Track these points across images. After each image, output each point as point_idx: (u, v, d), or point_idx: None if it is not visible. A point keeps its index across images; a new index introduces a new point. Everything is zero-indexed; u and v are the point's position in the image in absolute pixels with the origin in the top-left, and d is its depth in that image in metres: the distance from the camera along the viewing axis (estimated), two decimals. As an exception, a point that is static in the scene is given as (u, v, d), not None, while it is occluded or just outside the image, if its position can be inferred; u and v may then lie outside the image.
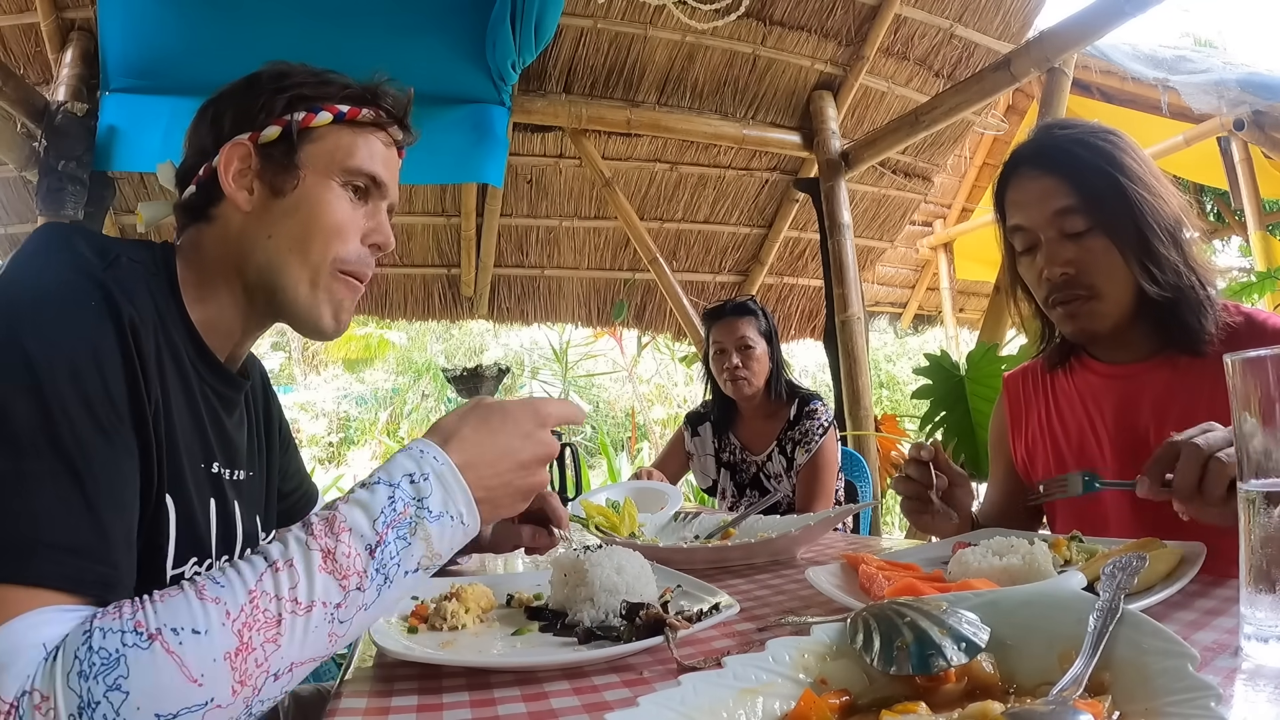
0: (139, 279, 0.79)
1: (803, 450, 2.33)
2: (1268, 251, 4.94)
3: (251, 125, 0.88)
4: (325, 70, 0.94)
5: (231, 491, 0.91)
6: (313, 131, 0.89)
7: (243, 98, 0.90)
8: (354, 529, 0.63)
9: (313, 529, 0.62)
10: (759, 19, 3.83)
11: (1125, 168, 1.12)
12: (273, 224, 0.88)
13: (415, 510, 0.65)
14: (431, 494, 0.67)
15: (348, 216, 0.90)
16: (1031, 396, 1.34)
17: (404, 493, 0.66)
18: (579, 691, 0.67)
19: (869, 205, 4.90)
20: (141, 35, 3.00)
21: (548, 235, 4.77)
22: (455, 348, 13.68)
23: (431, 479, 0.67)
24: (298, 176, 0.88)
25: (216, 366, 0.89)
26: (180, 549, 0.79)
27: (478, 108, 3.45)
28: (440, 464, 0.69)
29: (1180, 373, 1.13)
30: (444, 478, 0.68)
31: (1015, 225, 1.19)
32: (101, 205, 3.12)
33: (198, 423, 0.85)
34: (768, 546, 1.24)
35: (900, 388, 12.23)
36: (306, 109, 0.89)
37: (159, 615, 0.55)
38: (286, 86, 0.90)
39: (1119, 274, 1.12)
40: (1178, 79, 4.60)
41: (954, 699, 0.51)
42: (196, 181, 0.90)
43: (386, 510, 0.64)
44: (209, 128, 0.91)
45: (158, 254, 0.86)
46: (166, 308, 0.82)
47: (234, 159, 0.87)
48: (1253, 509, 0.60)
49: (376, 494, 0.65)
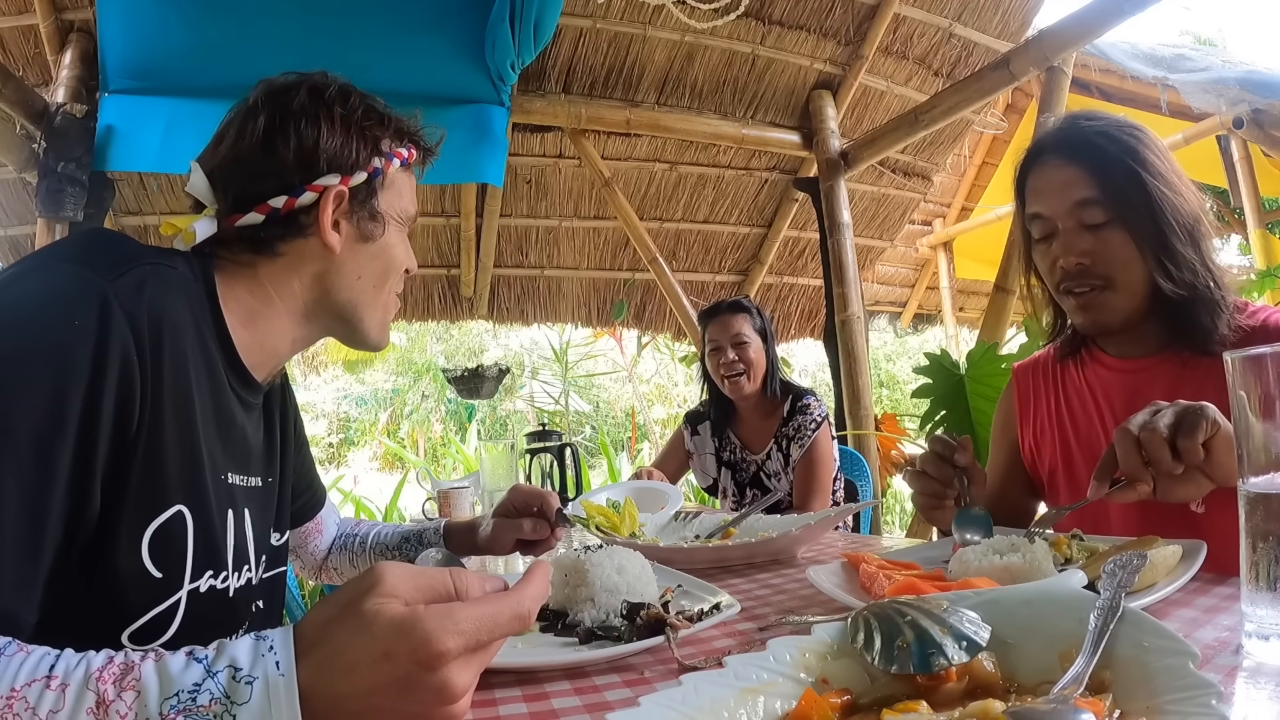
0: (174, 286, 0.77)
1: (797, 446, 2.33)
2: (1267, 250, 4.94)
3: (346, 170, 0.90)
4: (378, 99, 0.98)
5: (243, 499, 0.90)
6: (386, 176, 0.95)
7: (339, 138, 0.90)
8: (142, 693, 0.50)
9: (107, 669, 0.52)
10: (758, 19, 3.83)
11: (1148, 163, 1.12)
12: (361, 267, 0.94)
13: (220, 712, 0.50)
14: (248, 702, 0.50)
15: (409, 254, 1.00)
16: (1041, 387, 1.34)
17: (217, 684, 0.51)
18: (580, 691, 0.67)
19: (869, 205, 4.90)
20: (141, 36, 3.00)
21: (547, 235, 4.77)
22: (455, 348, 13.68)
23: (256, 686, 0.51)
24: (384, 224, 0.95)
25: (248, 380, 0.89)
26: (198, 562, 0.79)
27: (477, 108, 3.45)
28: (277, 673, 0.51)
29: (1189, 369, 1.13)
30: (274, 692, 0.51)
31: (1034, 213, 1.19)
32: (101, 206, 3.12)
33: (223, 432, 0.85)
34: (768, 546, 1.24)
35: (900, 387, 12.24)
36: (385, 156, 0.94)
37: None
38: (373, 131, 0.94)
39: (1134, 268, 1.12)
40: (1177, 77, 4.60)
41: (955, 698, 0.51)
42: (267, 211, 0.87)
43: (184, 695, 0.50)
44: (295, 158, 0.88)
45: (195, 265, 0.85)
46: (203, 319, 0.82)
47: (331, 203, 0.89)
48: (1253, 507, 0.60)
49: (189, 671, 0.51)
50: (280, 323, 0.91)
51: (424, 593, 0.53)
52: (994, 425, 1.45)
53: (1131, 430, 0.84)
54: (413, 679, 0.50)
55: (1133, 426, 0.85)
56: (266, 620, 0.96)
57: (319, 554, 1.33)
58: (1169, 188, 1.12)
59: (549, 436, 2.38)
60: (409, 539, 1.33)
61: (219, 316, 0.85)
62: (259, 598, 0.94)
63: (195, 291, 0.82)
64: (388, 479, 9.54)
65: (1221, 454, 0.82)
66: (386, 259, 0.96)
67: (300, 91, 0.91)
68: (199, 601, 0.79)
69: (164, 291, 0.75)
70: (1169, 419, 0.83)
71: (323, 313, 0.94)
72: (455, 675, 0.51)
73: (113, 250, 0.75)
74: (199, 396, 0.79)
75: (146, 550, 0.74)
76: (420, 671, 0.50)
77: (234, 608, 0.87)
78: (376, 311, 0.97)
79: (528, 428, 9.16)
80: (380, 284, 0.96)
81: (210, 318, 0.84)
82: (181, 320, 0.76)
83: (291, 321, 0.92)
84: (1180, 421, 0.83)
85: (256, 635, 0.54)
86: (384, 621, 0.51)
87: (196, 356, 0.79)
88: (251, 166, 0.88)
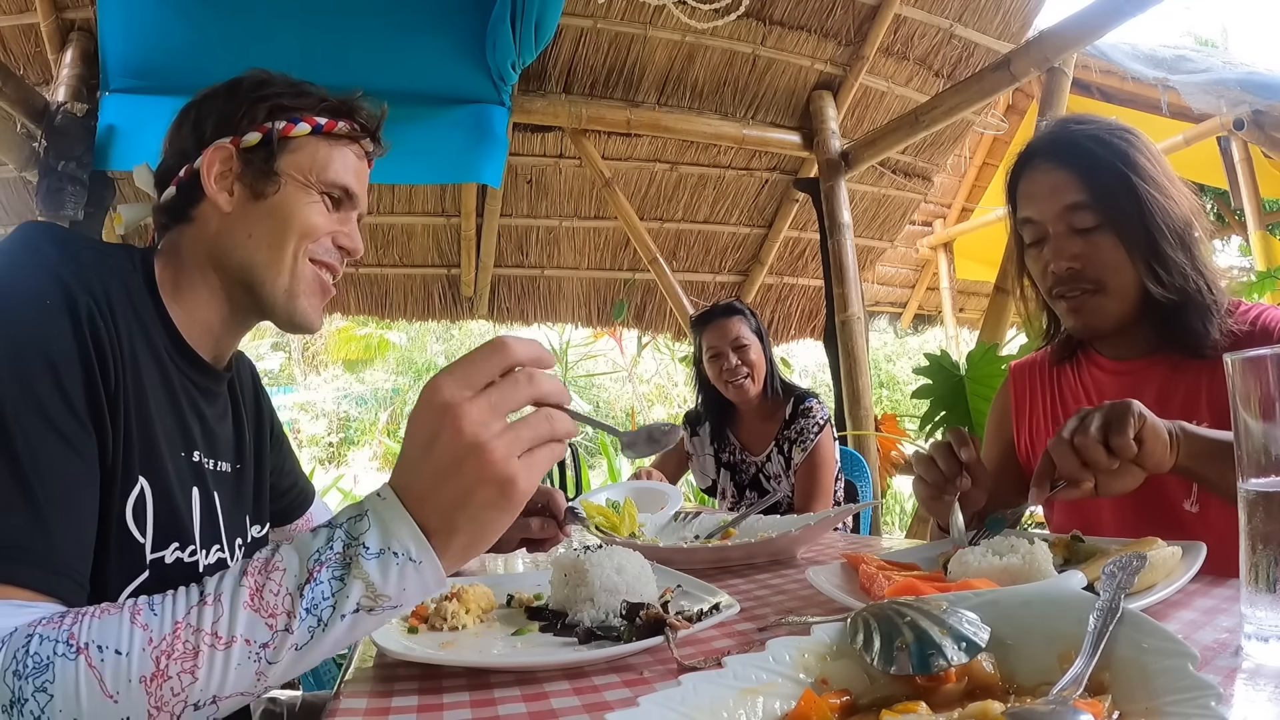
0: (109, 270, 0.81)
1: (799, 449, 2.33)
2: (1268, 251, 4.94)
3: (233, 130, 0.92)
4: (304, 82, 0.98)
5: (214, 481, 0.93)
6: (291, 141, 0.94)
7: (224, 103, 0.94)
8: (287, 568, 0.60)
9: (250, 565, 0.61)
10: (759, 19, 3.83)
11: (1138, 166, 1.12)
12: (252, 224, 0.92)
13: (351, 549, 0.60)
14: (369, 530, 0.60)
15: (323, 220, 0.96)
16: (1037, 387, 1.35)
17: (343, 530, 0.61)
18: (579, 691, 0.67)
19: (869, 205, 4.90)
20: (141, 35, 3.00)
21: (548, 235, 4.77)
22: (455, 348, 13.68)
23: (369, 515, 0.61)
24: (278, 182, 0.93)
25: (195, 360, 0.92)
26: (160, 533, 0.81)
27: (478, 108, 3.45)
28: (381, 498, 0.62)
29: (1181, 372, 1.13)
30: (382, 512, 0.61)
31: (1025, 217, 1.19)
32: (101, 205, 3.12)
33: (177, 412, 0.88)
34: (768, 546, 1.24)
35: (900, 388, 12.24)
36: (287, 118, 0.94)
37: (90, 631, 0.57)
38: (267, 95, 0.94)
39: (1125, 272, 1.12)
40: (1177, 79, 4.60)
41: (954, 699, 0.51)
42: (176, 183, 0.93)
43: (323, 550, 0.60)
44: (190, 131, 0.95)
45: (135, 255, 0.90)
46: (141, 303, 0.86)
47: (216, 161, 0.92)
48: (1252, 509, 0.60)
49: (317, 535, 0.62)
50: (202, 293, 0.92)
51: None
52: (988, 423, 1.46)
53: (1064, 436, 0.90)
54: (430, 425, 0.59)
55: (1065, 434, 0.90)
56: None
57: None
58: (1160, 191, 1.11)
59: (549, 436, 2.37)
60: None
61: (158, 298, 0.89)
62: None
63: (133, 278, 0.86)
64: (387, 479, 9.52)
65: (1150, 444, 0.88)
66: (280, 218, 0.92)
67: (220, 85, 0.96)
68: (166, 572, 0.82)
69: (106, 273, 0.80)
70: (1098, 421, 0.89)
71: (231, 280, 0.93)
72: (456, 399, 0.59)
73: (55, 239, 0.80)
74: (146, 373, 0.82)
75: (131, 515, 0.78)
76: (429, 412, 0.60)
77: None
78: (280, 277, 0.93)
79: (528, 427, 9.11)
80: (276, 244, 0.92)
81: (149, 299, 0.88)
82: (122, 300, 0.81)
83: (209, 290, 0.93)
84: (1109, 421, 0.88)
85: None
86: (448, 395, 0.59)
87: (138, 335, 0.83)
88: (171, 149, 0.96)
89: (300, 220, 0.93)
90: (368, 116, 1.01)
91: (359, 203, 1.01)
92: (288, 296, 0.94)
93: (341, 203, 0.98)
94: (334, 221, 0.97)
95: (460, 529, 0.61)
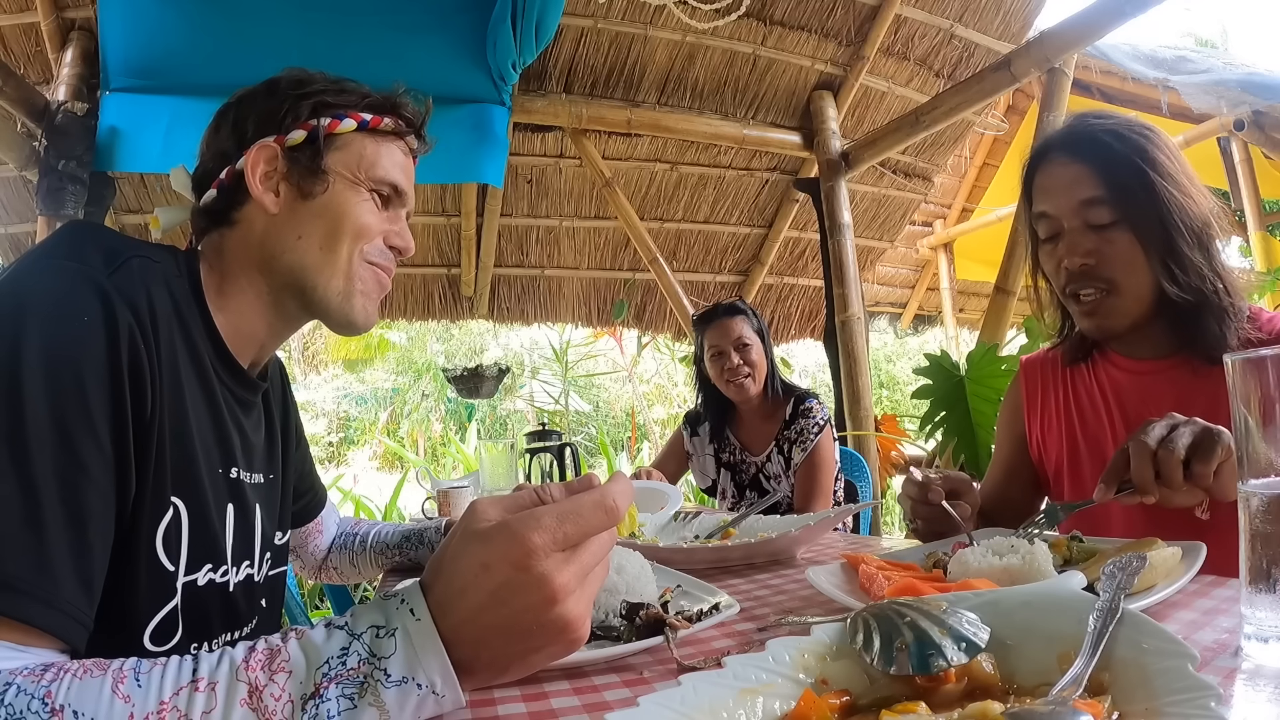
0: (156, 279, 0.78)
1: (799, 449, 2.32)
2: (1268, 252, 4.95)
3: (276, 129, 0.90)
4: (344, 78, 0.96)
5: (252, 495, 0.91)
6: (337, 138, 0.91)
7: (265, 102, 0.92)
8: (293, 671, 0.53)
9: (252, 656, 0.54)
10: (759, 19, 3.83)
11: (1157, 163, 1.10)
12: (301, 225, 0.90)
13: (370, 670, 0.52)
14: (394, 655, 0.53)
15: (375, 219, 0.94)
16: (1049, 382, 1.33)
17: (363, 644, 0.53)
18: (579, 691, 0.67)
19: (869, 205, 4.90)
20: (142, 35, 3.00)
21: (548, 235, 4.77)
22: (455, 348, 13.69)
23: (398, 636, 0.53)
24: (326, 181, 0.90)
25: (236, 370, 0.90)
26: (194, 555, 0.79)
27: (478, 108, 3.45)
28: (414, 619, 0.54)
29: (1200, 378, 1.11)
30: (414, 636, 0.53)
31: (1040, 212, 1.17)
32: (101, 205, 3.12)
33: (219, 427, 0.86)
34: (768, 546, 1.23)
35: (900, 388, 12.25)
36: (331, 115, 0.91)
37: (69, 693, 0.52)
38: (309, 92, 0.92)
39: (1140, 270, 1.10)
40: (1178, 79, 4.60)
41: (954, 699, 0.51)
42: (218, 185, 0.90)
43: (334, 662, 0.53)
44: (230, 131, 0.92)
45: (181, 259, 0.87)
46: (189, 311, 0.83)
47: (261, 160, 0.89)
48: (1252, 509, 0.60)
49: (331, 639, 0.54)
50: (249, 298, 0.90)
51: (511, 508, 0.56)
52: (999, 419, 1.44)
53: (1149, 444, 0.85)
54: (513, 582, 0.53)
55: (1150, 440, 0.86)
56: (268, 619, 0.96)
57: (319, 554, 1.33)
58: (1178, 189, 1.09)
59: (549, 436, 2.38)
60: (409, 538, 1.33)
61: (204, 306, 0.86)
62: (261, 596, 0.94)
63: (179, 285, 0.83)
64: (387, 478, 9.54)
65: (1227, 477, 0.84)
66: (332, 217, 0.90)
67: (259, 85, 0.94)
68: (196, 595, 0.80)
69: (152, 283, 0.77)
70: (1187, 439, 0.85)
71: (280, 284, 0.90)
72: (553, 571, 0.53)
73: (102, 244, 0.77)
74: (188, 388, 0.80)
75: (160, 542, 0.75)
76: (516, 572, 0.52)
77: (233, 603, 0.87)
78: (335, 279, 0.91)
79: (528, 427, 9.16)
80: (329, 245, 0.90)
81: (195, 308, 0.85)
82: (167, 311, 0.78)
83: (257, 295, 0.90)
84: (1198, 445, 0.85)
85: (384, 594, 0.57)
86: (477, 537, 0.54)
87: (182, 347, 0.80)
88: (210, 151, 0.93)
89: (353, 220, 0.91)
90: (413, 112, 0.99)
91: (408, 200, 0.98)
92: (342, 298, 0.92)
93: (390, 200, 0.96)
94: (385, 220, 0.95)
95: (506, 671, 0.57)
